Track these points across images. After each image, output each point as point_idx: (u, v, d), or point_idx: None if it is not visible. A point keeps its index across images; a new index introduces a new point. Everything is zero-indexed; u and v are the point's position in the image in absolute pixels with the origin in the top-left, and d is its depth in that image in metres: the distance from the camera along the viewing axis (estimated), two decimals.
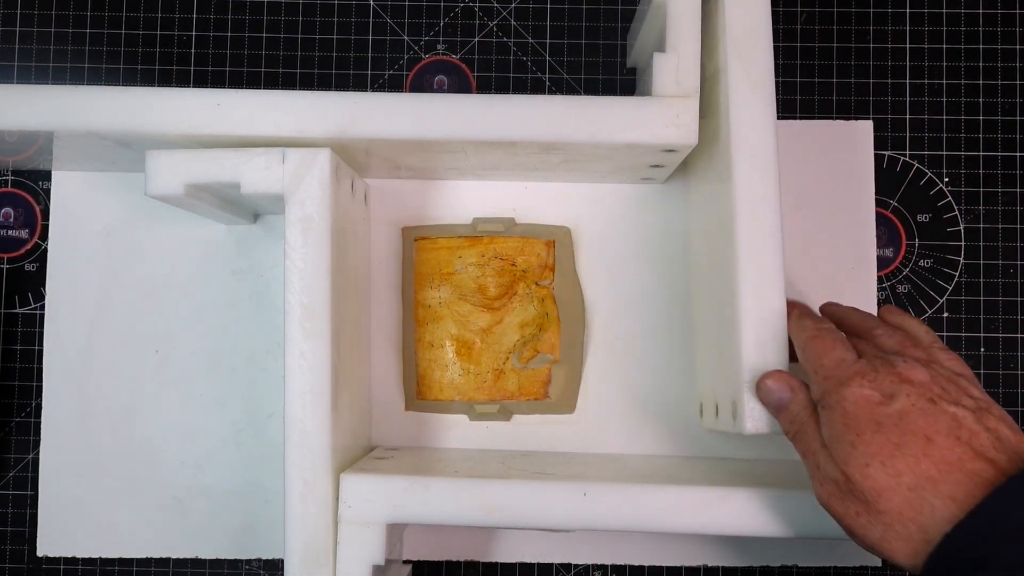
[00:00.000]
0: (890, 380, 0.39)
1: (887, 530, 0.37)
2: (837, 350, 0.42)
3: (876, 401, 0.39)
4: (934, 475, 0.36)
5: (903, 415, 0.38)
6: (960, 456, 0.36)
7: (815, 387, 0.42)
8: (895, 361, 0.40)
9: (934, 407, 0.38)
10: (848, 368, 0.40)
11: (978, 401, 0.39)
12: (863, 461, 0.38)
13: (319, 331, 0.47)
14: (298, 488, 0.46)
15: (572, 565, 0.58)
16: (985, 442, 0.37)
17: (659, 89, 0.48)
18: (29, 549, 0.58)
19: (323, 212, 0.47)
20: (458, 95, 0.49)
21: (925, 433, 0.37)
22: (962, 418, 0.37)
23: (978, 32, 0.60)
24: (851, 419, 0.39)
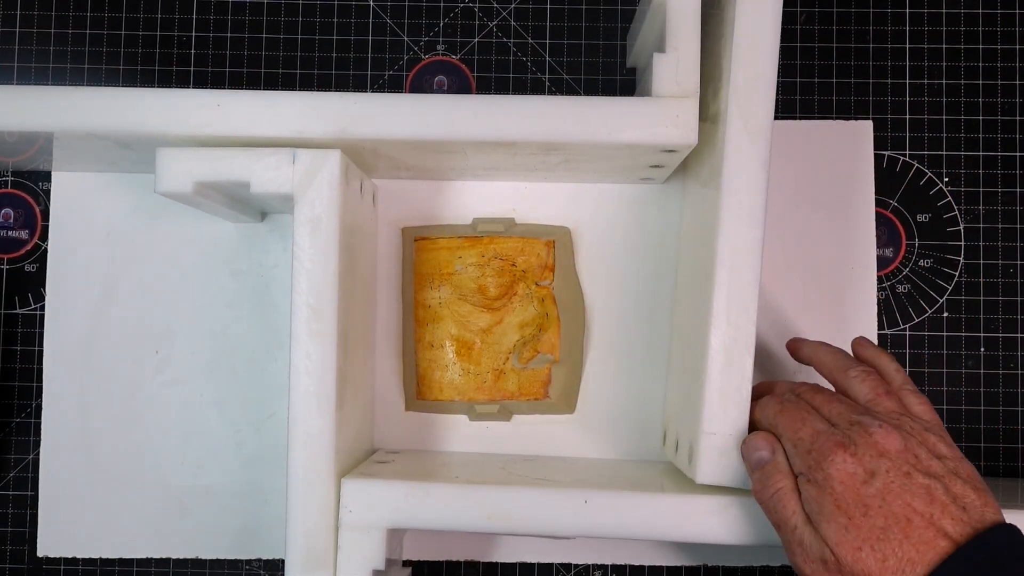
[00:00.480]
0: (869, 455, 0.41)
1: None
2: (808, 422, 0.43)
3: (860, 480, 0.40)
4: (913, 557, 0.39)
5: (885, 495, 0.40)
6: (932, 536, 0.39)
7: (797, 460, 0.43)
8: (870, 428, 0.42)
9: (909, 481, 0.40)
10: (827, 440, 0.42)
11: (945, 462, 0.42)
12: (856, 545, 0.40)
13: (325, 332, 0.47)
14: (300, 491, 0.46)
15: (572, 565, 0.58)
16: (953, 515, 0.39)
17: (659, 89, 0.48)
18: (29, 549, 0.58)
19: (332, 213, 0.47)
20: (458, 95, 0.49)
21: (905, 514, 0.39)
22: (933, 490, 0.40)
23: (978, 32, 0.60)
24: (840, 500, 0.40)
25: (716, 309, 0.46)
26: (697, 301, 0.50)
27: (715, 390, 0.46)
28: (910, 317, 0.59)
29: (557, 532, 0.46)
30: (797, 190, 0.59)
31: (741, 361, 0.46)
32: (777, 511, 0.43)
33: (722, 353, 0.46)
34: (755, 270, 0.46)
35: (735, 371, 0.46)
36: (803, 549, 0.42)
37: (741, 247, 0.46)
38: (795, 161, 0.59)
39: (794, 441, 0.43)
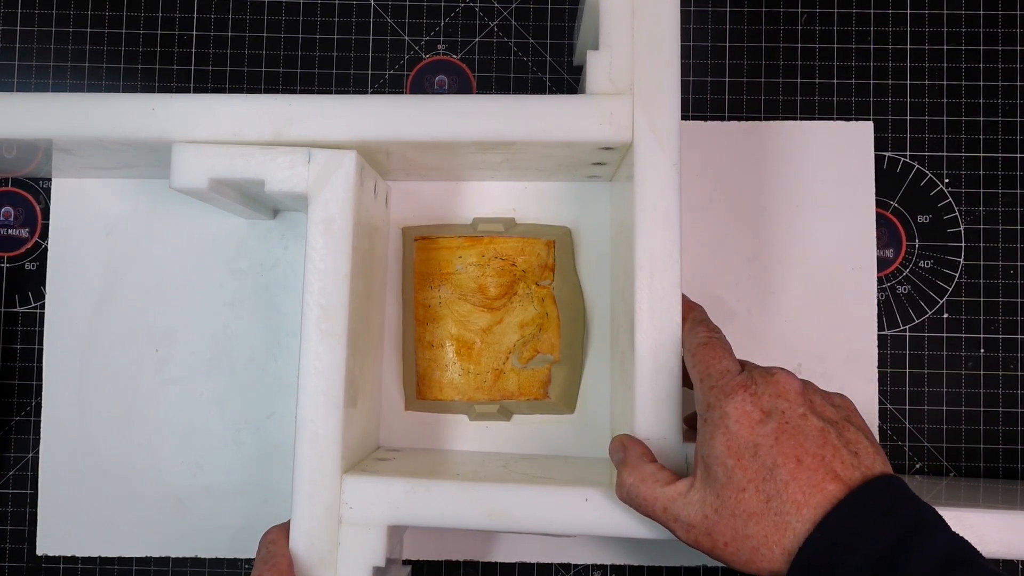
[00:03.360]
0: (768, 395, 0.41)
1: (754, 553, 0.40)
2: (724, 360, 0.43)
3: (756, 419, 0.40)
4: (799, 499, 0.39)
5: (778, 435, 0.40)
6: (823, 478, 0.39)
7: (700, 396, 0.43)
8: (774, 371, 0.42)
9: (805, 423, 0.40)
10: (732, 379, 0.42)
11: (840, 411, 0.42)
12: (740, 486, 0.40)
13: (336, 332, 0.47)
14: (306, 489, 0.46)
15: (572, 565, 0.58)
16: (845, 459, 0.39)
17: (593, 87, 0.48)
18: (29, 548, 0.58)
19: (345, 213, 0.47)
20: (394, 95, 0.49)
21: (796, 455, 0.39)
22: (826, 434, 0.40)
23: (978, 33, 0.60)
24: (732, 440, 0.40)
25: (639, 314, 0.46)
26: (623, 305, 0.51)
27: (645, 395, 0.46)
28: (910, 318, 0.59)
29: (557, 530, 0.46)
30: (797, 191, 0.59)
31: (669, 365, 0.46)
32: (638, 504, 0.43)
33: (649, 358, 0.46)
34: (675, 272, 0.46)
35: (663, 375, 0.46)
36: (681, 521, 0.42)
37: (659, 250, 0.46)
38: (795, 162, 0.59)
39: (703, 374, 0.43)
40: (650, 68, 0.47)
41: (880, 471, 0.40)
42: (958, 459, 0.58)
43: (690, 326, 0.46)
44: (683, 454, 0.46)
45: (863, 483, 0.39)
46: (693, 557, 0.58)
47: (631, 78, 0.48)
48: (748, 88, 0.60)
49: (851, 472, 0.39)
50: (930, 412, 0.59)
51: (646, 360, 0.46)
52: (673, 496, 0.42)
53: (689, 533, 0.42)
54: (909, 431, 0.58)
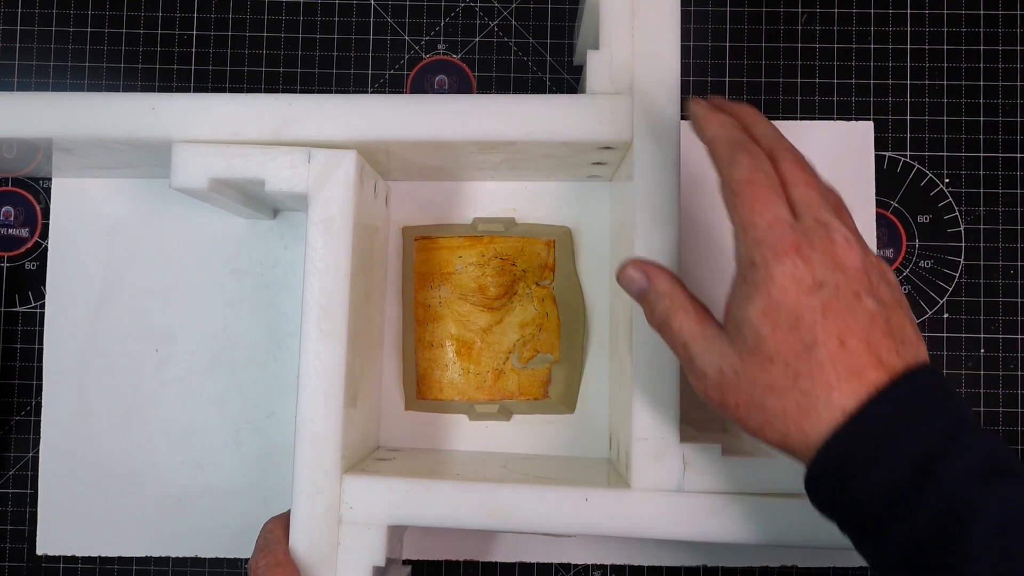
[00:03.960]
0: (824, 263, 0.36)
1: (766, 426, 0.36)
2: (773, 205, 0.37)
3: (804, 288, 0.35)
4: (832, 382, 0.35)
5: (826, 311, 0.35)
6: (864, 365, 0.35)
7: (742, 248, 0.37)
8: (834, 234, 0.37)
9: (858, 303, 0.36)
10: (785, 236, 0.36)
11: (894, 291, 0.38)
12: (768, 356, 0.36)
13: (336, 333, 0.47)
14: (306, 489, 0.46)
15: (571, 565, 0.58)
16: (889, 346, 0.35)
17: (593, 86, 0.48)
18: (28, 548, 0.58)
19: (345, 213, 0.47)
20: (394, 95, 0.49)
21: (840, 335, 0.35)
22: (876, 317, 0.36)
23: (979, 33, 0.60)
24: (772, 307, 0.36)
25: (638, 314, 0.46)
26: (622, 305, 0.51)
27: (643, 395, 0.46)
28: None
29: (558, 530, 0.46)
30: None
31: (667, 365, 0.46)
32: (669, 334, 0.40)
33: (648, 358, 0.46)
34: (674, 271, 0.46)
35: (662, 375, 0.46)
36: (695, 366, 0.38)
37: (658, 250, 0.46)
38: None
39: (748, 224, 0.37)
40: (650, 68, 0.47)
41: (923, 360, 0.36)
42: None
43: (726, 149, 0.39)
44: (681, 454, 0.46)
45: (906, 374, 0.35)
46: (693, 557, 0.58)
47: (631, 78, 0.48)
48: (748, 88, 0.60)
49: (895, 360, 0.35)
50: None
51: (644, 360, 0.46)
52: (696, 336, 0.38)
53: (700, 382, 0.38)
54: None
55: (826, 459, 0.35)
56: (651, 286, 0.41)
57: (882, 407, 0.34)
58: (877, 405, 0.34)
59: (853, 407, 0.35)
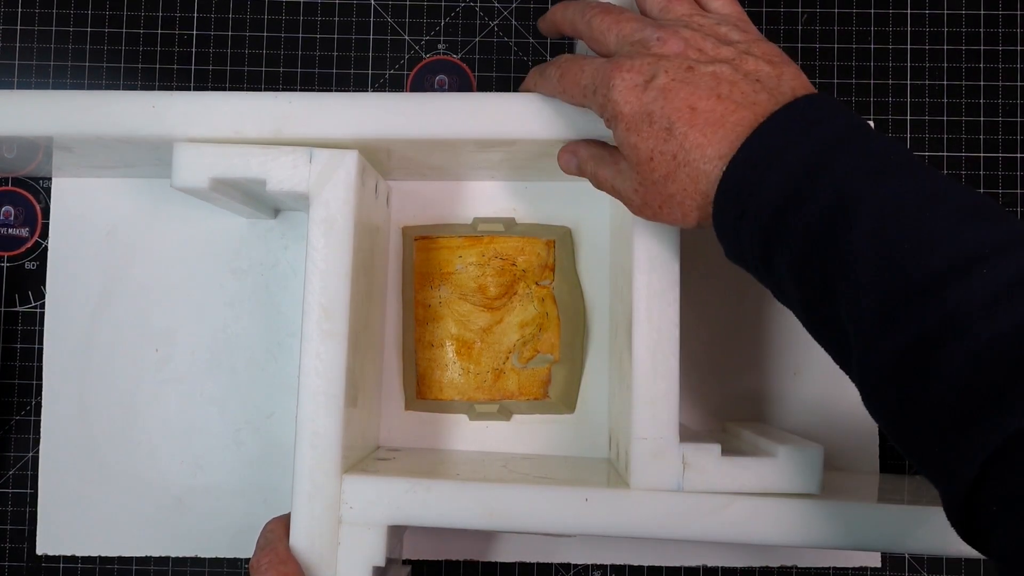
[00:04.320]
0: (647, 62, 0.39)
1: (682, 208, 0.39)
2: (587, 65, 0.42)
3: (639, 89, 0.39)
4: (701, 141, 0.37)
5: (665, 94, 0.38)
6: (722, 113, 0.37)
7: (595, 108, 0.42)
8: (648, 42, 0.40)
9: (692, 74, 0.38)
10: (606, 70, 0.40)
11: (738, 45, 0.40)
12: (647, 156, 0.39)
13: (337, 333, 0.47)
14: (307, 490, 0.46)
15: (571, 565, 0.58)
16: (745, 89, 0.38)
17: None
18: (28, 547, 0.58)
19: (347, 213, 0.47)
20: (395, 94, 0.49)
21: (688, 104, 0.38)
22: (720, 74, 0.38)
23: (979, 33, 0.60)
24: (629, 120, 0.39)
25: (637, 314, 0.46)
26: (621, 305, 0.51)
27: (643, 395, 0.46)
28: None
29: (558, 530, 0.46)
30: None
31: (667, 364, 0.46)
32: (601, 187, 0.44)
33: (647, 358, 0.46)
34: (673, 273, 0.46)
35: (661, 374, 0.46)
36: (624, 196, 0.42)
37: (657, 251, 0.47)
38: None
39: (582, 91, 0.42)
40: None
41: (795, 89, 0.38)
42: None
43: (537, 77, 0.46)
44: (680, 454, 0.46)
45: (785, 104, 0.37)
46: (693, 557, 0.58)
47: None
48: None
49: (754, 96, 0.37)
50: None
51: (644, 360, 0.46)
52: (614, 175, 0.43)
53: (631, 206, 0.43)
54: None
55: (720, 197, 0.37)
56: (579, 159, 0.46)
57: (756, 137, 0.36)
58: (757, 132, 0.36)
59: (728, 150, 0.37)
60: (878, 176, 0.34)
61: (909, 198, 0.33)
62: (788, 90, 0.38)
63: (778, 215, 0.36)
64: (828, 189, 0.34)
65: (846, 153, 0.35)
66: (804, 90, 0.39)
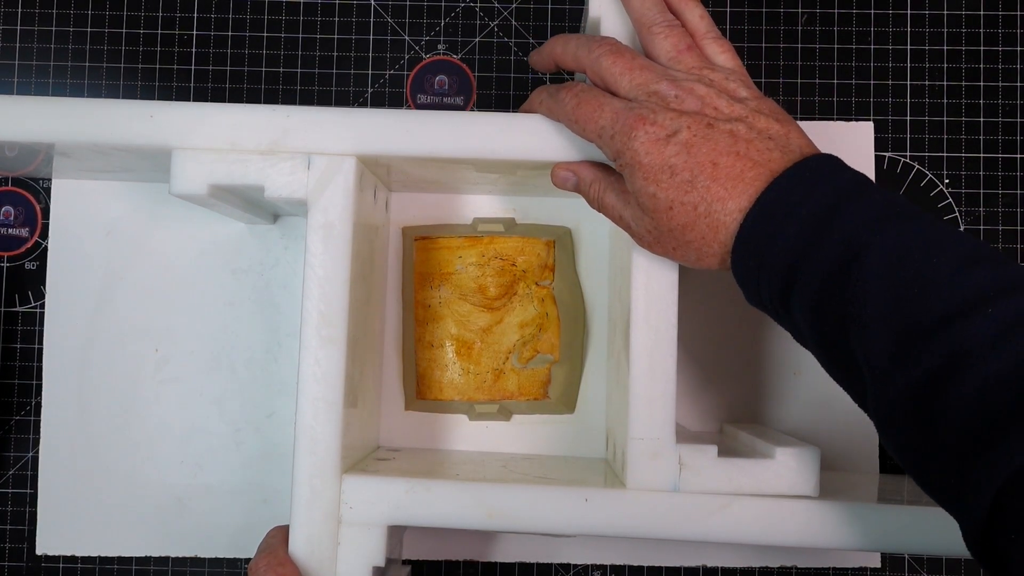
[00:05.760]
0: (668, 117, 0.41)
1: (699, 253, 0.42)
2: (606, 106, 0.43)
3: (662, 143, 0.41)
4: (722, 195, 0.40)
5: (688, 149, 0.40)
6: (741, 169, 0.40)
7: (607, 150, 0.43)
8: (667, 96, 0.42)
9: (712, 131, 0.41)
10: (627, 117, 0.42)
11: (748, 103, 0.42)
12: (666, 206, 0.41)
13: (335, 339, 0.47)
14: (306, 495, 0.46)
15: (571, 565, 0.58)
16: (760, 147, 0.40)
17: None
18: (28, 547, 0.58)
19: (345, 219, 0.47)
20: (393, 110, 0.49)
21: (711, 159, 0.40)
22: (736, 132, 0.40)
23: (979, 33, 0.60)
24: (648, 171, 0.41)
25: (635, 314, 0.46)
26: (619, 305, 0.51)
27: (640, 395, 0.46)
28: None
29: (557, 530, 0.46)
30: None
31: (664, 365, 0.46)
32: (607, 211, 0.46)
33: (645, 358, 0.46)
34: (672, 274, 0.47)
35: (659, 376, 0.46)
36: (635, 229, 0.44)
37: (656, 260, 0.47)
38: None
39: (598, 131, 0.43)
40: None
41: (802, 148, 0.41)
42: None
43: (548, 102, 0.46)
44: (676, 455, 0.46)
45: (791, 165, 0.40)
46: (693, 557, 0.58)
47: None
48: None
49: (769, 155, 0.40)
50: None
51: (641, 360, 0.46)
52: (623, 205, 0.44)
53: (640, 241, 0.44)
54: None
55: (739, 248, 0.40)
56: (580, 179, 0.47)
57: (772, 192, 0.39)
58: (771, 188, 0.39)
59: (747, 204, 0.39)
60: (884, 224, 0.37)
61: (914, 244, 0.36)
62: (796, 148, 0.41)
63: (794, 264, 0.38)
64: (838, 237, 0.37)
65: (853, 204, 0.38)
66: (810, 148, 0.41)
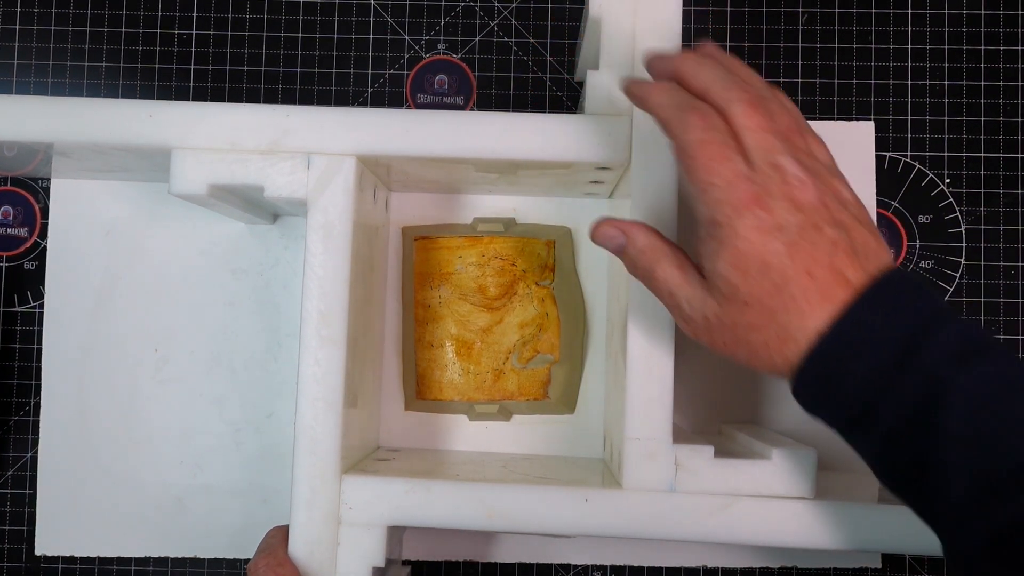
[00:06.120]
0: (783, 207, 0.37)
1: (754, 357, 0.39)
2: (729, 161, 0.38)
3: (768, 235, 0.37)
4: (805, 310, 0.37)
5: (791, 250, 0.37)
6: (831, 285, 0.37)
7: (703, 207, 0.39)
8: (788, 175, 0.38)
9: (818, 235, 0.37)
10: (743, 191, 0.37)
11: (850, 209, 0.39)
12: (744, 301, 0.38)
13: (335, 339, 0.47)
14: (305, 495, 0.46)
15: (571, 565, 0.58)
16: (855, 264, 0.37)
17: (592, 107, 0.48)
18: (27, 548, 0.58)
19: (345, 219, 0.47)
20: (393, 110, 0.49)
21: (807, 268, 0.37)
22: (838, 242, 0.37)
23: (979, 33, 0.60)
24: (740, 258, 0.38)
25: (633, 314, 0.46)
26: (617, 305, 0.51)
27: (636, 395, 0.46)
28: None
29: (557, 530, 0.46)
30: None
31: (661, 366, 0.46)
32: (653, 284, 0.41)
33: (642, 358, 0.46)
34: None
35: (655, 376, 0.46)
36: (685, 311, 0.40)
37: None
38: None
39: (706, 185, 0.38)
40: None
41: (888, 266, 0.38)
42: None
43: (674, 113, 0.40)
44: (673, 455, 0.46)
45: (874, 283, 0.37)
46: (693, 557, 0.58)
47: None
48: None
49: (861, 275, 0.37)
50: None
51: (638, 360, 0.46)
52: (680, 284, 0.40)
53: (688, 326, 0.40)
54: None
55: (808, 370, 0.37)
56: (629, 242, 0.42)
57: (855, 314, 0.37)
58: (850, 314, 0.37)
59: (825, 326, 0.37)
60: (963, 362, 0.35)
61: (996, 385, 0.35)
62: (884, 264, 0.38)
63: (870, 401, 0.37)
64: (918, 379, 0.36)
65: (932, 340, 0.36)
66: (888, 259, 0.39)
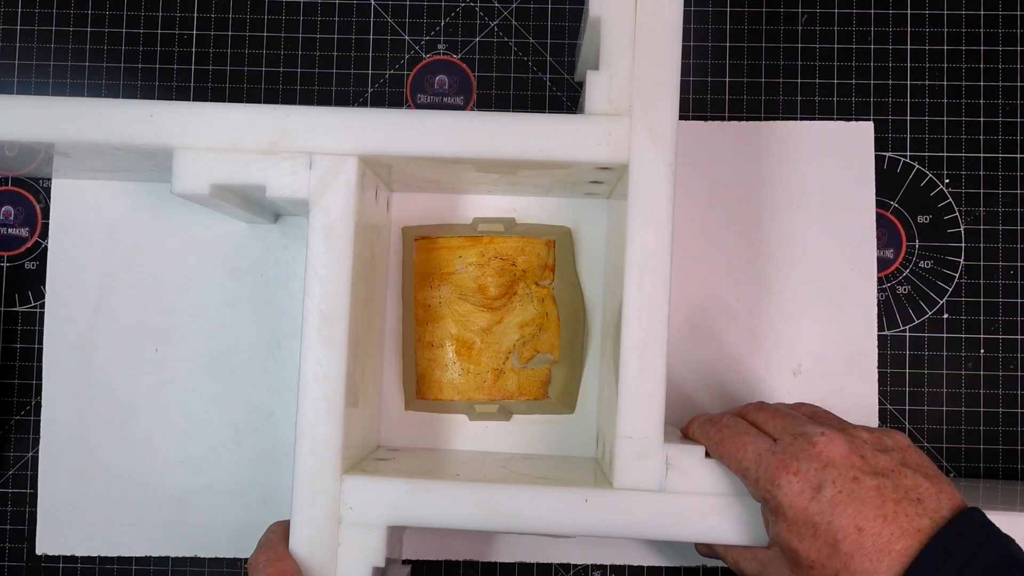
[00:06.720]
0: (813, 468, 0.40)
1: None
2: (750, 445, 0.43)
3: (808, 497, 0.40)
4: (866, 567, 0.38)
5: (833, 508, 0.39)
6: (888, 539, 0.38)
7: (753, 491, 0.43)
8: (813, 438, 0.41)
9: (858, 486, 0.39)
10: (771, 461, 0.41)
11: (893, 455, 0.41)
12: (807, 564, 0.40)
13: (336, 339, 0.47)
14: (306, 495, 0.46)
15: (571, 565, 0.58)
16: (909, 511, 0.38)
17: (592, 107, 0.48)
18: (28, 547, 0.58)
19: (347, 220, 0.47)
20: (394, 110, 0.49)
21: (855, 523, 0.38)
22: (883, 489, 0.39)
23: (979, 33, 0.60)
24: (792, 524, 0.40)
25: (627, 314, 0.46)
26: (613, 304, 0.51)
27: (629, 394, 0.46)
28: (910, 318, 0.59)
29: (557, 530, 0.46)
30: (797, 191, 0.59)
31: (654, 364, 0.46)
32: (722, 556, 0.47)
33: (635, 357, 0.46)
34: (664, 273, 0.46)
35: (649, 374, 0.46)
36: None
37: (650, 250, 0.46)
38: (796, 162, 0.59)
39: (742, 472, 0.43)
40: (650, 91, 0.47)
41: (950, 510, 0.39)
42: (958, 460, 0.58)
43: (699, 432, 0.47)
44: (664, 454, 0.46)
45: (936, 531, 0.38)
46: (692, 557, 0.58)
47: (630, 100, 0.47)
48: (748, 88, 0.60)
49: (919, 522, 0.38)
50: (930, 413, 0.59)
51: (631, 358, 0.46)
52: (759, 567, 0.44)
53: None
54: (909, 432, 0.58)
55: None
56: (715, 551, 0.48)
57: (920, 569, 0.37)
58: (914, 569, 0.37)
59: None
60: None
61: None
62: (946, 507, 0.39)
63: None
64: None
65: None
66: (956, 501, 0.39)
